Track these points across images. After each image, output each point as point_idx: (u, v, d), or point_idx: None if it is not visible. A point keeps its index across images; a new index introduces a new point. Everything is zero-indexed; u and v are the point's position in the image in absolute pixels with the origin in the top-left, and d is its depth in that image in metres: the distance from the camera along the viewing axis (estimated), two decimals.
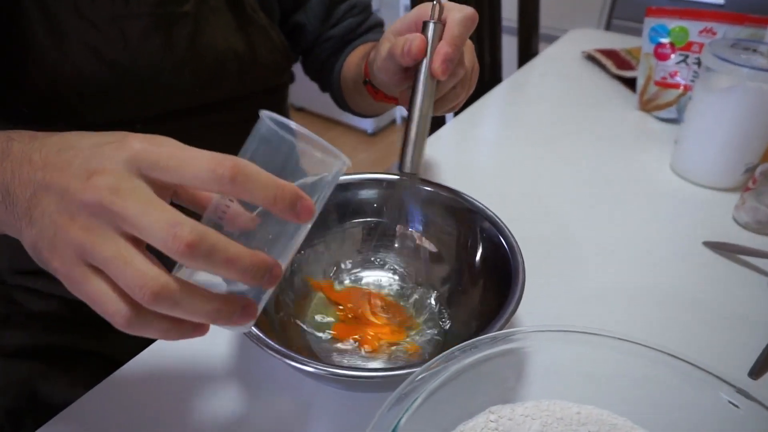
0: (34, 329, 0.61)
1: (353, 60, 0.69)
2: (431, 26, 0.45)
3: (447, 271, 0.52)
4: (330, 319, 0.49)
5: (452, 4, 0.46)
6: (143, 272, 0.26)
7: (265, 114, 0.29)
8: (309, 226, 0.31)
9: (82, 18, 0.53)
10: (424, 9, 0.47)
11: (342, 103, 0.78)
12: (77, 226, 0.27)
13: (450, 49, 0.44)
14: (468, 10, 0.45)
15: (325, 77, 0.76)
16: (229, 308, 0.28)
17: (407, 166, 0.46)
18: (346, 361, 0.46)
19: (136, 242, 0.27)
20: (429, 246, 0.53)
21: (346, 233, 0.54)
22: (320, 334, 0.47)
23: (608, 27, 1.94)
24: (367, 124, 2.49)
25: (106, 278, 0.27)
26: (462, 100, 0.53)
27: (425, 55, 0.45)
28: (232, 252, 0.27)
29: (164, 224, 0.25)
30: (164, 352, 0.47)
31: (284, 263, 0.31)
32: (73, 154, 0.28)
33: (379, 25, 0.76)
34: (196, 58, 0.59)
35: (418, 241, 0.54)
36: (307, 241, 0.51)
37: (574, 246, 0.62)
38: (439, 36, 0.45)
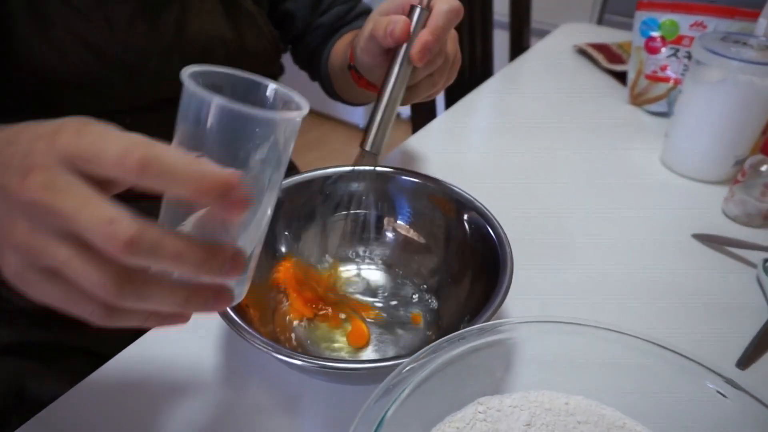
0: (21, 326, 0.60)
1: (340, 47, 0.69)
2: (417, 11, 0.44)
3: (436, 263, 0.52)
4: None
5: None
6: (100, 272, 0.24)
7: (187, 74, 0.26)
8: (274, 199, 0.29)
9: (67, 5, 0.52)
10: None
11: (331, 92, 0.78)
12: (22, 229, 0.25)
13: (431, 37, 0.44)
14: (455, 3, 0.45)
15: (315, 66, 0.76)
16: (199, 297, 0.27)
17: (368, 145, 0.46)
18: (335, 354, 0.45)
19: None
20: (417, 238, 0.53)
21: (331, 226, 0.54)
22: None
23: (600, 22, 1.94)
24: (359, 118, 2.48)
25: (65, 279, 0.25)
26: (439, 90, 0.53)
27: (407, 38, 0.45)
28: (179, 246, 0.24)
29: (99, 222, 0.23)
30: (150, 347, 0.47)
31: (251, 245, 0.29)
32: (13, 150, 0.26)
33: (367, 13, 0.76)
34: (184, 44, 0.59)
35: (405, 233, 0.54)
36: (294, 233, 0.52)
37: (564, 238, 0.62)
38: (423, 22, 0.44)
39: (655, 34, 0.86)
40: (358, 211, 0.54)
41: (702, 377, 0.33)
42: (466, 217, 0.49)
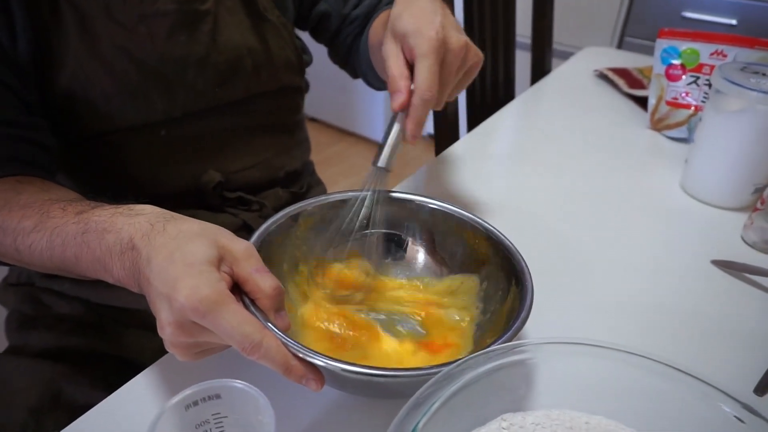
0: (60, 331, 0.63)
1: (379, 23, 0.71)
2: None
3: (456, 286, 0.54)
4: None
5: (421, 72, 0.47)
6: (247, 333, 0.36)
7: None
8: None
9: (112, 19, 0.56)
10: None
11: (374, 80, 0.79)
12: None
13: (414, 125, 0.49)
14: (428, 94, 0.47)
15: (354, 58, 0.78)
16: (293, 376, 0.37)
17: (381, 162, 0.51)
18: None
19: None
20: (437, 261, 0.55)
21: (362, 242, 0.56)
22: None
23: (620, 44, 1.96)
24: (379, 135, 2.51)
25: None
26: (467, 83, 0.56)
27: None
28: (281, 359, 0.37)
29: (242, 343, 0.35)
30: None
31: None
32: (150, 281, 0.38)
33: None
34: (217, 54, 0.63)
35: (427, 256, 0.55)
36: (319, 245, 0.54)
37: (584, 262, 0.63)
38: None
39: (675, 62, 0.87)
40: (380, 231, 0.56)
41: (720, 402, 0.34)
42: (485, 244, 0.51)
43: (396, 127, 0.50)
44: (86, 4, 0.55)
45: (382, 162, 0.51)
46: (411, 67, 0.50)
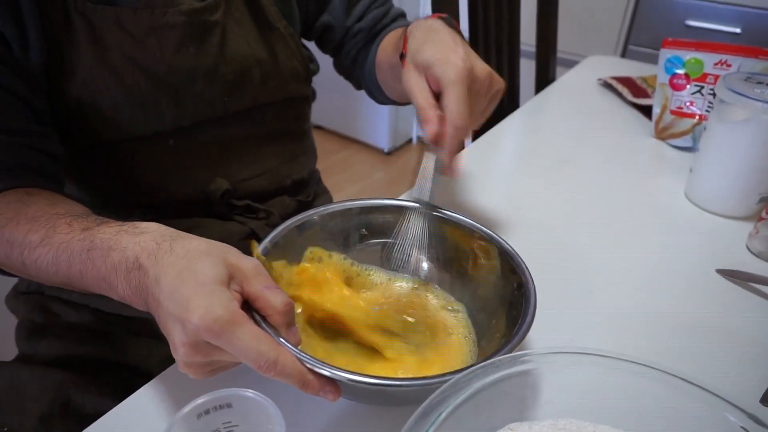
0: (69, 340, 0.63)
1: (389, 42, 0.72)
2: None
3: (459, 295, 0.54)
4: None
5: (453, 100, 0.48)
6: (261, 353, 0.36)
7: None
8: None
9: (122, 30, 0.57)
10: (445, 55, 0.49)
11: (378, 94, 0.80)
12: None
13: (450, 156, 0.50)
14: (460, 121, 0.48)
15: (358, 71, 0.80)
16: (310, 389, 0.38)
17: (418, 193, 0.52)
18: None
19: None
20: (441, 271, 0.56)
21: (365, 251, 0.56)
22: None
23: (624, 53, 1.96)
24: (384, 142, 2.53)
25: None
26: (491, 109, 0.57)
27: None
28: (298, 375, 0.37)
29: (258, 362, 0.36)
30: None
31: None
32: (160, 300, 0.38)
33: (402, 16, 0.80)
34: (225, 66, 0.64)
35: (431, 265, 0.56)
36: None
37: (588, 271, 0.64)
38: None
39: (679, 71, 0.88)
40: (387, 240, 0.56)
41: (726, 412, 0.34)
42: (488, 252, 0.51)
43: (430, 159, 0.51)
44: (97, 15, 0.56)
45: (421, 194, 0.53)
46: (437, 97, 0.50)
